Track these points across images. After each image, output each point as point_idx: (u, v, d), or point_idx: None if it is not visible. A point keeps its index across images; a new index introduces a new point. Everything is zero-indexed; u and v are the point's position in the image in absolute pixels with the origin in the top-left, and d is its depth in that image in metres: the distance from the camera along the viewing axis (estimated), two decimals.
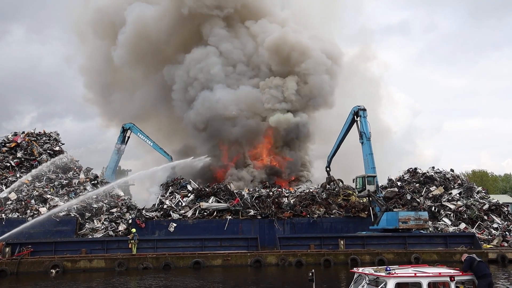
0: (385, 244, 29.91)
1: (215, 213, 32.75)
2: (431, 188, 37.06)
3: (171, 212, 32.76)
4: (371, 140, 32.74)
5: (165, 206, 33.47)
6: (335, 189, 36.69)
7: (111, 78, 50.05)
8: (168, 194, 35.44)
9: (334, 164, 38.32)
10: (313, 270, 12.17)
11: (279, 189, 37.30)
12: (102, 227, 32.08)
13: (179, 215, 32.56)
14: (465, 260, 11.40)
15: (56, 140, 39.85)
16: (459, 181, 38.28)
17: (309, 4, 52.95)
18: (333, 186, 37.11)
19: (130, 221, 32.37)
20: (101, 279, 23.24)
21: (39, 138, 39.24)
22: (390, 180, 39.68)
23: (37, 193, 33.32)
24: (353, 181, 34.05)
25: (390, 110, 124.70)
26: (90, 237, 30.83)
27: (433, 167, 40.10)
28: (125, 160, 72.47)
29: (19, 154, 36.68)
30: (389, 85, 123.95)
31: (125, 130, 43.05)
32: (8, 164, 35.84)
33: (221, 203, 33.45)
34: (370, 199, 32.36)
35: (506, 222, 34.08)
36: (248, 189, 36.57)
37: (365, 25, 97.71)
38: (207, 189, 34.65)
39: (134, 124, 42.86)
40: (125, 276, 24.24)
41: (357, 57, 58.26)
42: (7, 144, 37.40)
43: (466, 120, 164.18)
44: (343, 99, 46.46)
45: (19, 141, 37.64)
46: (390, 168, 44.43)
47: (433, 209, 34.84)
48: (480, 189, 38.51)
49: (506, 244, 30.75)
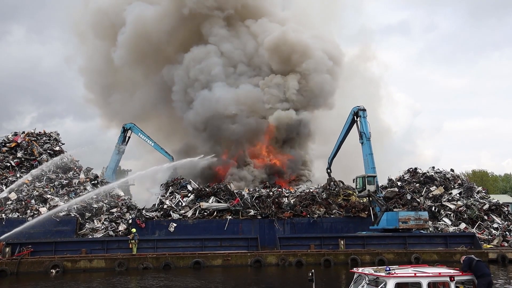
0: (385, 244, 29.89)
1: (215, 213, 32.77)
2: (431, 188, 37.05)
3: (171, 212, 32.77)
4: (371, 140, 32.69)
5: (165, 206, 33.49)
6: (335, 189, 36.71)
7: (111, 79, 50.06)
8: (168, 194, 35.45)
9: (334, 164, 38.27)
10: (313, 270, 12.19)
11: (279, 189, 37.28)
12: (102, 227, 32.10)
13: (179, 215, 32.57)
14: (463, 260, 11.41)
15: (56, 140, 39.88)
16: (459, 181, 38.27)
17: (309, 4, 52.93)
18: (334, 186, 37.11)
19: (130, 221, 32.38)
20: (101, 279, 23.24)
21: (39, 138, 39.28)
22: (390, 180, 39.68)
23: (37, 193, 33.35)
24: (353, 181, 34.04)
25: (390, 110, 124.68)
26: (90, 237, 30.84)
27: (433, 167, 40.14)
28: (126, 160, 72.55)
29: (19, 154, 36.72)
30: (389, 85, 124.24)
31: (125, 130, 42.94)
32: (8, 164, 35.88)
33: (221, 203, 33.46)
34: (370, 199, 32.35)
35: (506, 222, 34.07)
36: (248, 189, 36.57)
37: (365, 25, 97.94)
38: (207, 189, 34.66)
39: (134, 124, 42.78)
40: (125, 276, 24.24)
41: (357, 57, 58.38)
42: (7, 144, 37.42)
43: (466, 120, 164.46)
44: (343, 99, 46.50)
45: (19, 141, 37.66)
46: (390, 168, 44.51)
47: (433, 209, 34.83)
48: (480, 189, 38.51)
49: (506, 244, 30.74)
